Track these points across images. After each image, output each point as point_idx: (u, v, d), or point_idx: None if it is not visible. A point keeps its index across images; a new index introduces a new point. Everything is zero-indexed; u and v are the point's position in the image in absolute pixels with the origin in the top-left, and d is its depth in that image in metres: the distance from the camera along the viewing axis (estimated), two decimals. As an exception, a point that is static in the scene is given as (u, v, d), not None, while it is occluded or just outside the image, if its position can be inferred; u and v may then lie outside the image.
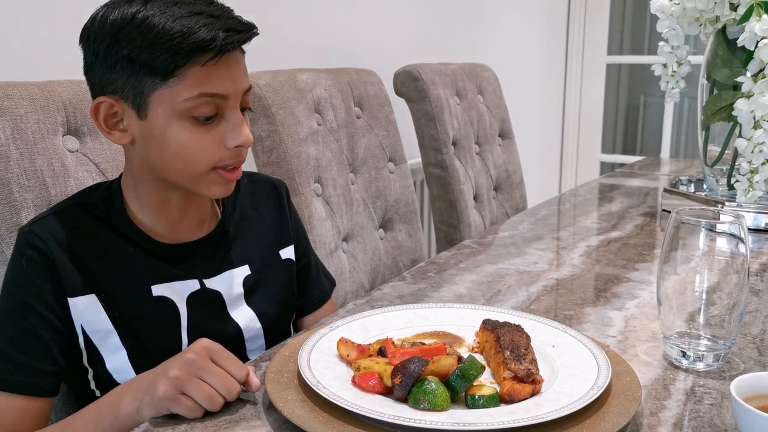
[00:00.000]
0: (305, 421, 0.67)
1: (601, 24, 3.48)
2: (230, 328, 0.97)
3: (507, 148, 2.31)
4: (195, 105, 0.82)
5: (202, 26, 0.80)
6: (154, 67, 0.80)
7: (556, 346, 0.83)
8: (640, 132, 4.52)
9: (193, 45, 0.79)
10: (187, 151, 0.85)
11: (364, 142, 1.66)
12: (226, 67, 0.83)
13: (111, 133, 0.87)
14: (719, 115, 1.48)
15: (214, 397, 0.72)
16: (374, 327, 0.89)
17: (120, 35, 0.81)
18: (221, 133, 0.85)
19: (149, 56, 0.80)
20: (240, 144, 0.86)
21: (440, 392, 0.69)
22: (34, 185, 0.97)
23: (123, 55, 0.81)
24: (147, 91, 0.82)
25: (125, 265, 0.90)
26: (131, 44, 0.80)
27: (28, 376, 0.84)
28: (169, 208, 0.92)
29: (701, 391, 0.78)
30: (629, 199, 1.85)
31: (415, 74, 1.92)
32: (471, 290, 1.12)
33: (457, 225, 1.98)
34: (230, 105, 0.85)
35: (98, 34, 0.82)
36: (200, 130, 0.84)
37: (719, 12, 1.40)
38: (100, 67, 0.84)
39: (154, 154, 0.86)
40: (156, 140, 0.85)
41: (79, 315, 0.87)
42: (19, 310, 0.85)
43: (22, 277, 0.86)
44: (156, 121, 0.83)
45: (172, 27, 0.79)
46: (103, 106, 0.85)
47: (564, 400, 0.69)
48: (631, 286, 1.13)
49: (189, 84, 0.81)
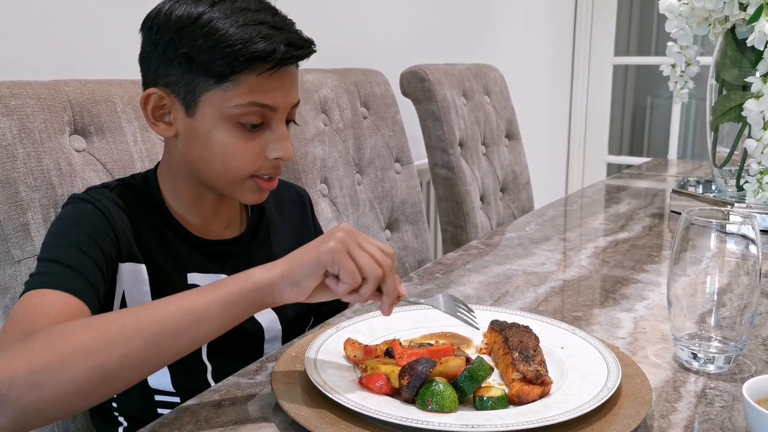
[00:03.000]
0: (312, 421, 0.67)
1: (608, 25, 3.47)
2: (253, 327, 0.97)
3: (514, 149, 2.31)
4: (244, 112, 0.83)
5: (264, 37, 0.81)
6: (210, 69, 0.81)
7: (565, 347, 0.82)
8: (647, 133, 4.51)
9: (252, 54, 0.80)
10: (228, 155, 0.85)
11: (371, 142, 1.66)
12: (280, 80, 0.84)
13: (156, 125, 0.88)
14: (728, 115, 1.47)
15: (375, 270, 0.71)
16: (381, 328, 0.88)
17: (183, 32, 0.81)
18: (264, 142, 0.86)
19: (208, 58, 0.81)
20: (280, 156, 0.87)
21: (448, 394, 0.68)
22: (40, 185, 0.97)
23: (182, 52, 0.82)
24: (199, 90, 0.83)
25: (165, 248, 0.91)
26: (192, 43, 0.81)
27: (79, 283, 0.80)
28: (203, 205, 0.94)
29: (712, 393, 0.77)
30: (637, 200, 1.84)
31: (422, 75, 1.91)
32: (478, 291, 1.11)
33: (463, 226, 1.97)
34: (277, 117, 0.86)
35: (161, 26, 0.83)
36: (244, 136, 0.85)
37: (728, 12, 1.39)
38: (158, 59, 0.84)
39: (194, 152, 0.87)
40: (199, 139, 0.85)
41: (124, 280, 0.87)
42: (76, 234, 0.83)
43: (86, 217, 0.85)
44: (203, 121, 0.84)
45: (235, 33, 0.80)
46: (153, 98, 0.86)
47: (573, 402, 0.69)
48: (640, 287, 1.12)
49: (242, 91, 0.82)
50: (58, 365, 0.65)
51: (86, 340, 0.67)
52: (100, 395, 0.68)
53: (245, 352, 0.94)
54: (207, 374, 0.93)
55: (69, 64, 1.28)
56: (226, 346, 0.90)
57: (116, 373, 0.67)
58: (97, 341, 0.67)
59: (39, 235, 0.96)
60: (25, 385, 0.64)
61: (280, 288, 0.72)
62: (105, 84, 1.10)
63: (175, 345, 0.70)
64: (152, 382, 0.91)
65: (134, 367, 0.68)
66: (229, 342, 0.92)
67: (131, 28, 1.37)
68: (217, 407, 0.74)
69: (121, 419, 0.94)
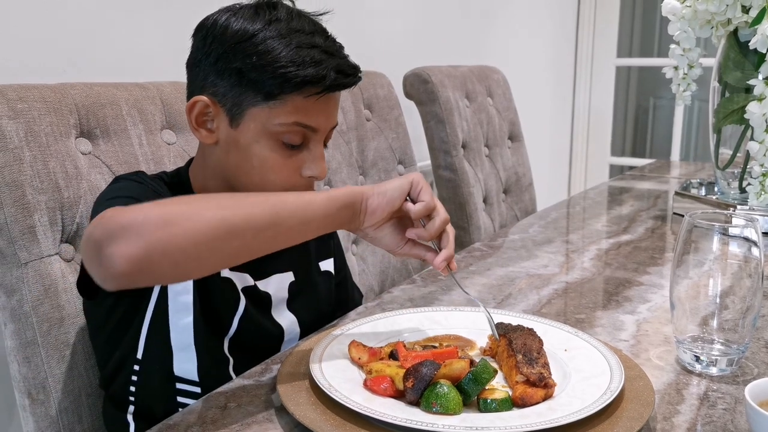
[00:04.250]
0: (317, 424, 0.67)
1: (611, 26, 3.47)
2: (275, 328, 0.99)
3: (516, 151, 2.31)
4: (287, 131, 0.86)
5: (316, 62, 0.84)
6: (260, 87, 0.84)
7: (568, 349, 0.83)
8: (649, 135, 4.51)
9: (303, 78, 0.83)
10: (266, 169, 0.88)
11: (374, 144, 1.67)
12: (325, 104, 0.87)
13: (198, 131, 0.90)
14: (731, 118, 1.47)
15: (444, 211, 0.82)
16: (385, 330, 0.89)
17: (238, 48, 0.84)
18: (301, 161, 0.89)
19: (259, 76, 0.84)
20: (315, 175, 0.90)
21: (452, 396, 0.69)
22: (47, 187, 0.98)
23: (234, 67, 0.84)
24: (246, 104, 0.85)
25: None
26: (246, 60, 0.84)
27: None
28: None
29: (715, 395, 0.77)
30: (639, 202, 1.84)
31: (425, 76, 1.92)
32: (482, 293, 1.12)
33: (466, 228, 1.98)
34: (317, 138, 0.89)
35: (217, 38, 0.86)
36: (283, 154, 0.88)
37: (731, 14, 1.40)
38: (208, 68, 0.87)
39: (233, 161, 0.89)
40: (240, 150, 0.88)
41: None
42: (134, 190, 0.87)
43: (141, 185, 0.89)
44: (246, 133, 0.87)
45: (288, 55, 0.83)
46: (199, 105, 0.88)
47: (577, 404, 0.69)
48: (642, 289, 1.13)
49: (288, 110, 0.85)
50: (192, 211, 0.69)
51: (215, 199, 0.74)
52: (224, 253, 0.71)
53: (265, 350, 0.95)
54: (229, 367, 0.95)
55: (75, 67, 1.29)
56: (248, 342, 0.94)
57: (241, 231, 0.70)
58: (226, 201, 0.74)
59: (45, 238, 0.97)
60: (160, 221, 0.67)
61: (369, 194, 0.79)
62: (111, 87, 1.11)
63: (289, 220, 0.74)
64: (177, 370, 0.92)
65: (256, 230, 0.72)
66: (250, 338, 0.95)
67: (137, 32, 1.38)
68: (222, 409, 0.74)
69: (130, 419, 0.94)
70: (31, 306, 0.95)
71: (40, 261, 0.96)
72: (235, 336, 0.95)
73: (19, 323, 0.96)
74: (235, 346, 0.95)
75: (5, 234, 0.94)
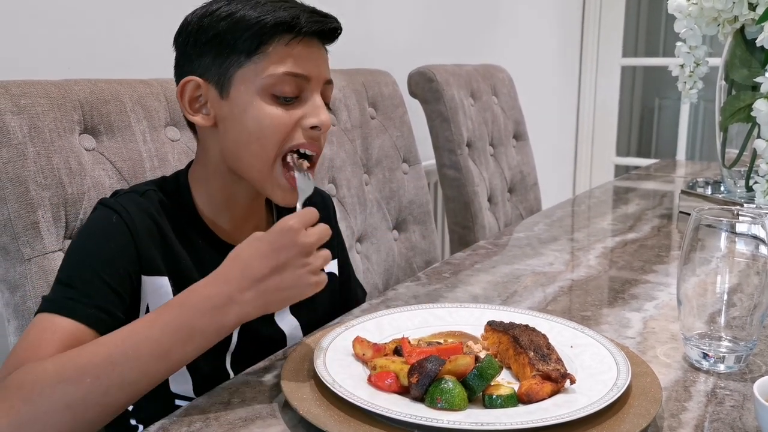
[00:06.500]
0: (321, 419, 0.67)
1: (616, 25, 3.46)
2: (276, 334, 0.98)
3: (521, 150, 2.30)
4: (277, 81, 0.85)
5: (285, 8, 0.84)
6: (239, 46, 0.84)
7: (574, 346, 0.82)
8: (655, 135, 4.49)
9: (276, 20, 0.83)
10: (264, 130, 0.86)
11: (378, 142, 1.66)
12: (308, 50, 0.86)
13: (195, 116, 0.89)
14: (737, 116, 1.46)
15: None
16: (390, 326, 0.89)
17: (206, 21, 0.85)
18: (300, 114, 0.87)
19: (234, 36, 0.84)
20: (317, 124, 0.87)
21: (457, 392, 0.68)
22: (50, 183, 0.97)
23: (209, 38, 0.85)
24: (232, 69, 0.85)
25: (193, 256, 0.91)
26: (217, 26, 0.85)
27: (89, 308, 0.81)
28: (235, 206, 0.94)
29: (722, 392, 0.76)
30: (645, 201, 1.83)
31: (430, 75, 1.91)
32: (487, 291, 1.11)
33: (471, 227, 1.97)
34: (311, 87, 0.87)
35: (184, 29, 0.88)
36: (280, 108, 0.86)
37: (738, 12, 1.39)
38: (188, 56, 0.88)
39: (231, 136, 0.88)
40: (236, 120, 0.87)
41: (148, 294, 0.87)
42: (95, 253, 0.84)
43: (109, 230, 0.86)
44: (238, 99, 0.86)
45: (257, 9, 0.84)
46: (189, 87, 0.88)
47: (583, 400, 0.69)
48: (649, 287, 1.12)
49: (273, 60, 0.84)
50: (40, 422, 0.70)
51: (60, 394, 0.71)
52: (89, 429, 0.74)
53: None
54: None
55: (79, 63, 1.29)
56: (249, 354, 0.90)
57: (98, 417, 0.73)
58: (71, 395, 0.71)
59: (49, 234, 0.96)
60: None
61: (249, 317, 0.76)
62: (114, 83, 1.10)
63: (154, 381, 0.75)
64: (174, 388, 0.90)
65: (114, 408, 0.74)
66: (252, 349, 0.92)
67: (141, 28, 1.38)
68: (226, 405, 0.74)
69: (133, 421, 0.93)
70: (34, 302, 0.95)
71: (43, 257, 0.96)
72: (236, 350, 0.93)
73: (23, 319, 0.95)
74: (237, 359, 0.93)
75: (9, 230, 0.94)
